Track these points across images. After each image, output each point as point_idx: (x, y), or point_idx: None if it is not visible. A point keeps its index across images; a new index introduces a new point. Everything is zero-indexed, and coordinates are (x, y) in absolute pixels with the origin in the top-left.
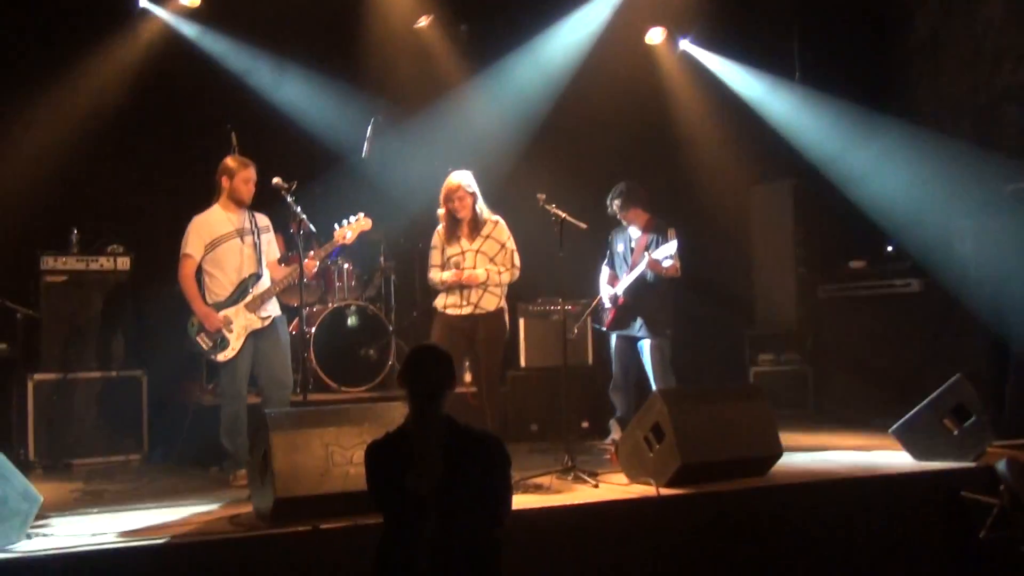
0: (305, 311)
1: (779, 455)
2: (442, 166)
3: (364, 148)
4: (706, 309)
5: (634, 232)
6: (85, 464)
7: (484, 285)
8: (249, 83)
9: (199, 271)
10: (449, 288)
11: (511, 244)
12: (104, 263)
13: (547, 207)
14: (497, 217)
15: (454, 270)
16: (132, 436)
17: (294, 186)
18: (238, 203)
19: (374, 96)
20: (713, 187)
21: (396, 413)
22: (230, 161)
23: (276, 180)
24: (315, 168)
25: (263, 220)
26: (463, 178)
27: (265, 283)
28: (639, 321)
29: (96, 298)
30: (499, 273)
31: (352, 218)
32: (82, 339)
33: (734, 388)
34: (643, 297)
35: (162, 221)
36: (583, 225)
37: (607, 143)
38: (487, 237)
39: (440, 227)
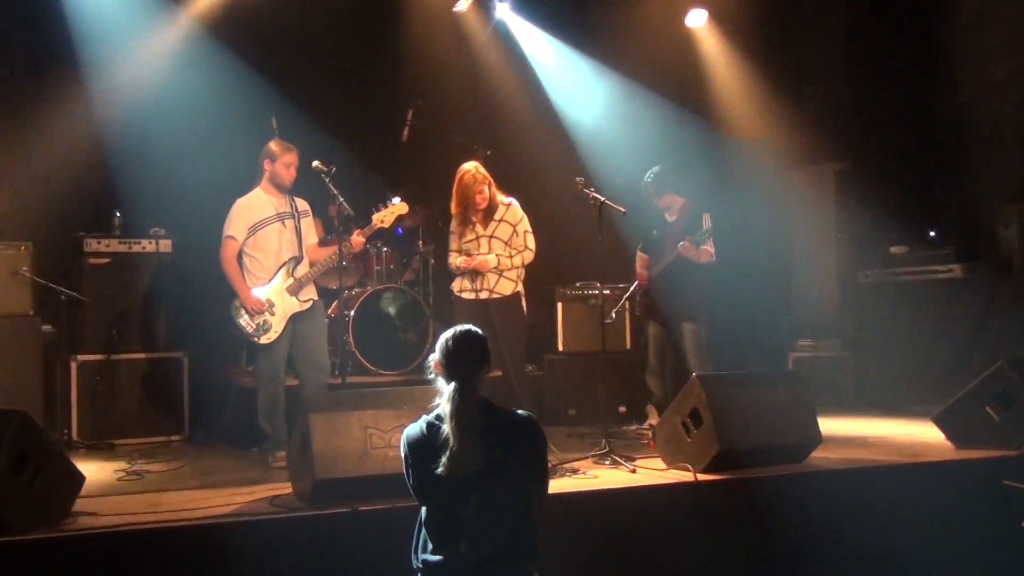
0: (344, 294)
1: (818, 442)
2: (481, 149)
3: (404, 132)
4: (744, 294)
5: (669, 217)
6: (127, 444)
7: (497, 270)
8: (288, 69)
9: (240, 254)
10: (464, 273)
11: (524, 225)
12: (146, 246)
13: (585, 191)
14: (510, 199)
15: (465, 256)
16: (174, 417)
17: (333, 169)
18: (279, 187)
19: (414, 79)
20: (752, 171)
21: (436, 398)
22: (273, 145)
23: (316, 163)
24: (355, 152)
25: (303, 204)
26: (479, 171)
27: (305, 266)
28: (675, 306)
29: (138, 280)
30: (510, 256)
31: (389, 202)
32: (125, 321)
33: (773, 374)
34: (679, 282)
35: (203, 204)
36: (622, 209)
37: (644, 125)
38: (500, 221)
39: (455, 213)
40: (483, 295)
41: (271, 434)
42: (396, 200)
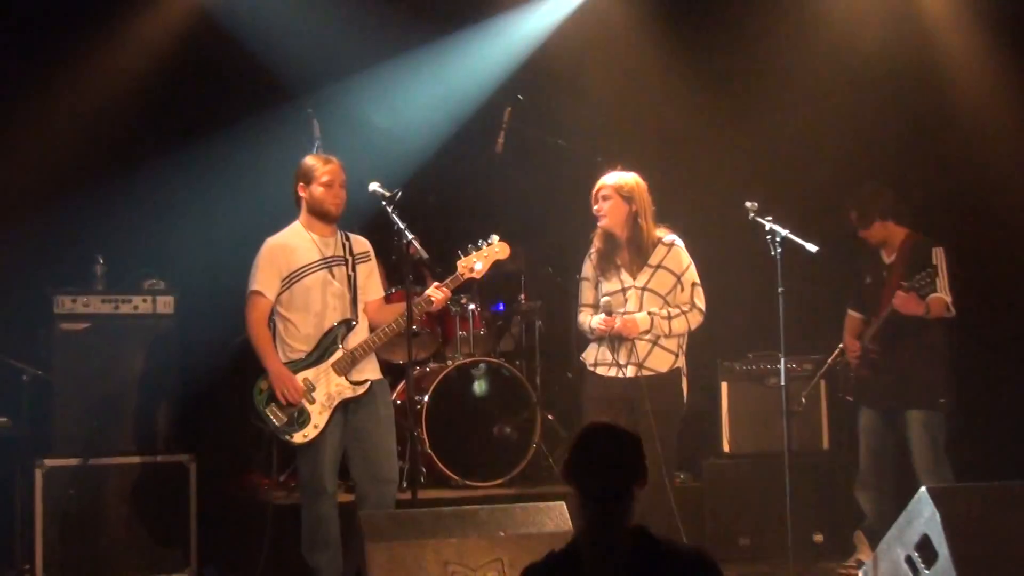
0: (414, 372)
1: None
2: (609, 162)
3: (498, 141)
4: (999, 367)
5: (886, 256)
6: None
7: (651, 336)
8: (332, 54)
9: (272, 316)
10: (600, 338)
11: (692, 275)
12: (140, 304)
13: (759, 220)
14: (672, 237)
15: (603, 315)
16: (177, 546)
17: (398, 194)
18: (323, 218)
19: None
20: (1007, 183)
21: (547, 519)
22: (308, 159)
23: (374, 186)
24: (429, 170)
25: (361, 244)
26: (616, 176)
27: (362, 333)
28: (899, 384)
29: (129, 353)
30: (669, 318)
31: (482, 243)
32: (109, 410)
33: None
34: (904, 350)
35: (219, 245)
36: (813, 247)
37: (847, 126)
38: (657, 267)
39: (592, 251)
40: (629, 371)
41: (318, 571)
42: (493, 239)
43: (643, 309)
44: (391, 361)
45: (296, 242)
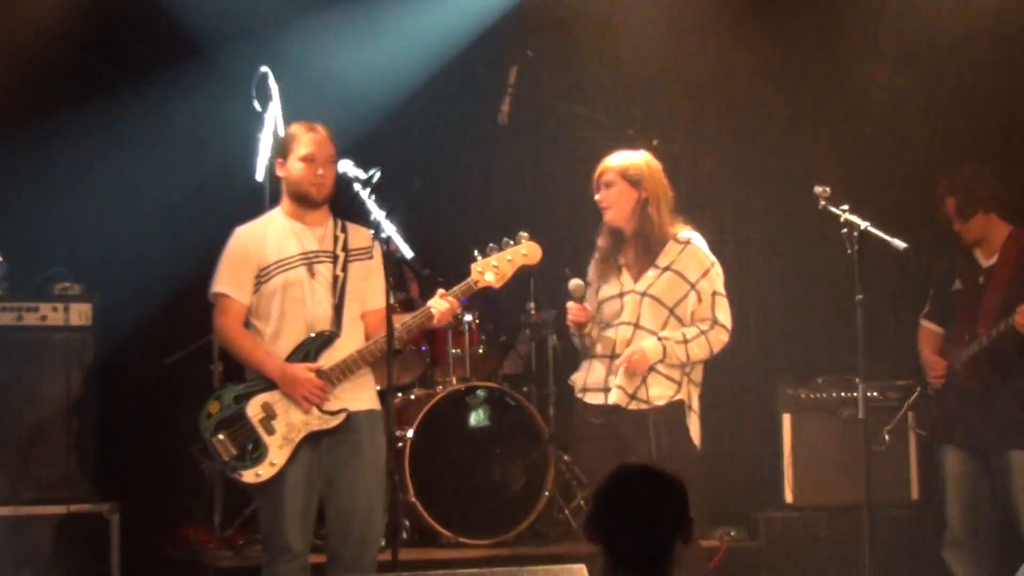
0: (395, 400)
1: None
2: (641, 135)
3: (502, 108)
4: None
5: (983, 257)
6: None
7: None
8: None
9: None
10: (592, 356)
11: (712, 282)
12: (49, 314)
13: (832, 210)
14: (690, 234)
15: (571, 303)
16: None
17: (375, 175)
18: (304, 202)
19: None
20: None
21: None
22: (288, 129)
23: (344, 165)
24: (414, 146)
25: (361, 238)
26: (622, 157)
27: (346, 349)
28: (998, 420)
29: (35, 375)
30: (685, 342)
31: (506, 242)
32: (10, 447)
33: None
34: (1010, 378)
35: (148, 238)
36: (900, 244)
37: (944, 94)
38: (665, 269)
39: (596, 252)
40: (615, 397)
41: None
42: (521, 238)
43: (642, 320)
44: None
45: (270, 232)
